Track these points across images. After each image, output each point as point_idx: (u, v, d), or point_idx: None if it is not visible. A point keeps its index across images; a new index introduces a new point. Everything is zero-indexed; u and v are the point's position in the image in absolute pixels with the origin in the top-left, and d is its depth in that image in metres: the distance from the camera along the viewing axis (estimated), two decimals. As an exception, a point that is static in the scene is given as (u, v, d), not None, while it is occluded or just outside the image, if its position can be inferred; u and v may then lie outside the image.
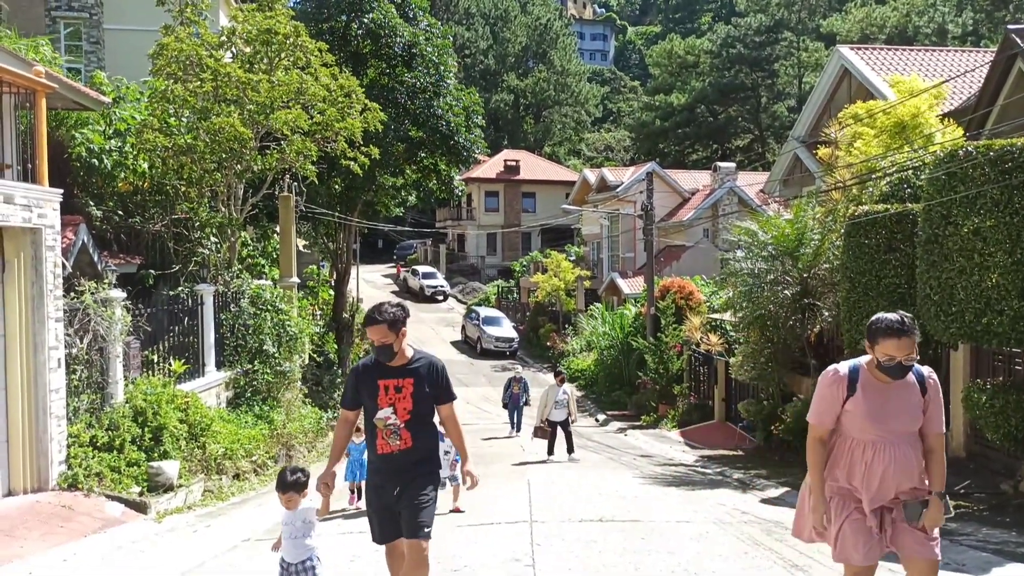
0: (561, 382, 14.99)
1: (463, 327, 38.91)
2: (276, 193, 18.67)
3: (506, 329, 36.65)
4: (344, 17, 23.20)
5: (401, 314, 4.65)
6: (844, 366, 4.15)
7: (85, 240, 12.22)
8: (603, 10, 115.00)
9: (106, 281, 11.15)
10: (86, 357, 9.89)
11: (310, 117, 15.87)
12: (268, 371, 14.59)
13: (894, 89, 16.05)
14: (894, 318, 3.91)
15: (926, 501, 3.98)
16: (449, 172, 25.64)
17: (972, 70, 17.36)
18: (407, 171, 24.97)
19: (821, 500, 4.13)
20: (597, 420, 23.59)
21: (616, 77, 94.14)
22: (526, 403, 19.41)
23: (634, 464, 14.63)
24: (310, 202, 21.27)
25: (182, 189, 15.59)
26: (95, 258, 12.52)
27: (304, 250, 31.09)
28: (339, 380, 20.74)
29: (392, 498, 4.68)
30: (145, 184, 15.67)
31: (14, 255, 8.83)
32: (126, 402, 10.32)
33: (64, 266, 10.14)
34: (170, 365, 12.11)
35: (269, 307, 15.12)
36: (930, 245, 9.51)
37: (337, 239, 25.95)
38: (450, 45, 25.76)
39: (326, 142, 16.60)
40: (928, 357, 11.57)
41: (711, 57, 65.91)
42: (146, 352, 11.66)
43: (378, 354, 4.69)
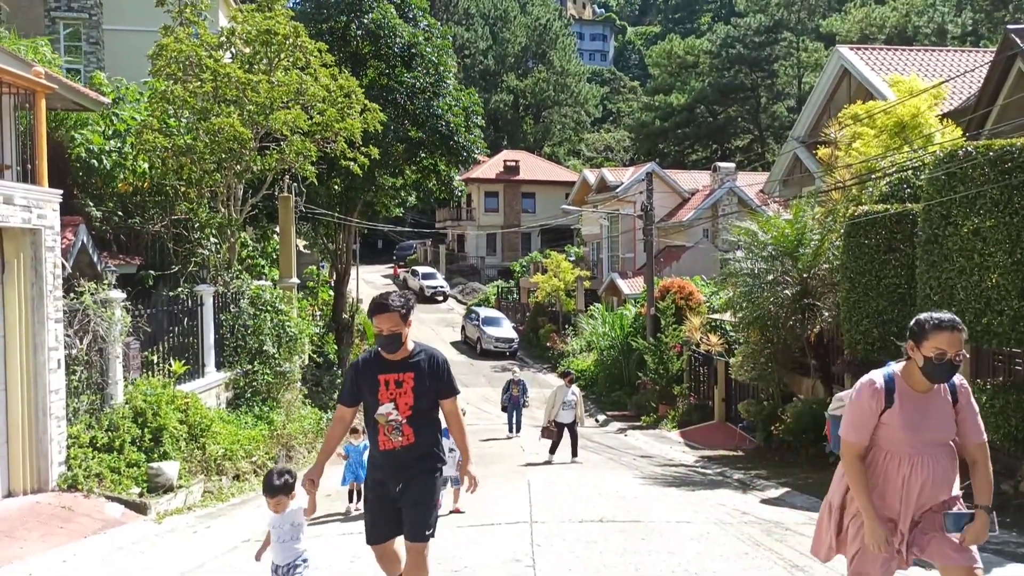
0: (570, 383, 14.76)
1: (463, 328, 38.90)
2: (276, 194, 18.66)
3: (506, 330, 36.64)
4: (344, 17, 23.19)
5: (411, 302, 4.55)
6: (879, 377, 3.89)
7: (85, 241, 12.22)
8: (602, 10, 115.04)
9: (106, 282, 11.15)
10: (86, 358, 9.89)
11: (310, 117, 15.87)
12: (268, 372, 14.59)
13: (894, 89, 16.06)
14: (946, 315, 3.76)
15: (971, 514, 3.75)
16: (449, 172, 25.64)
17: (972, 70, 17.37)
18: (407, 171, 24.97)
19: (877, 523, 3.77)
20: (597, 420, 23.59)
21: (616, 77, 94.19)
22: (525, 404, 19.40)
23: (634, 464, 14.62)
24: (310, 203, 21.27)
25: (182, 190, 15.59)
26: (95, 259, 12.51)
27: (304, 251, 31.08)
28: (339, 381, 20.72)
29: (394, 494, 4.59)
30: (145, 185, 15.67)
31: (14, 256, 8.82)
32: (126, 403, 10.31)
33: (64, 267, 10.14)
34: (170, 366, 12.10)
35: (269, 308, 15.11)
36: (930, 245, 9.51)
37: (337, 240, 25.96)
38: (449, 45, 25.78)
39: (326, 142, 16.60)
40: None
41: (711, 57, 65.96)
42: (146, 353, 11.65)
43: (385, 345, 4.50)
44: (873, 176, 13.00)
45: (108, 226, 15.04)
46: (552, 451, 14.52)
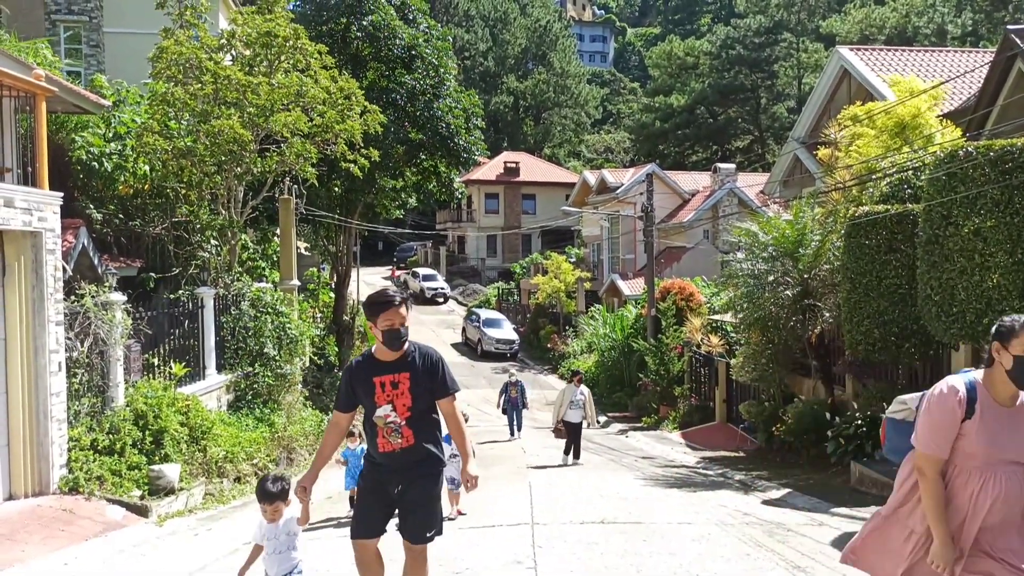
0: (579, 383, 14.68)
1: (463, 329, 38.89)
2: (276, 196, 18.67)
3: (507, 331, 36.63)
4: (344, 19, 23.23)
5: (408, 295, 4.53)
6: (959, 383, 3.60)
7: (85, 243, 12.22)
8: (602, 12, 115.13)
9: (106, 284, 11.16)
10: (87, 360, 9.89)
11: (310, 119, 15.88)
12: (269, 374, 14.59)
13: (893, 89, 16.06)
14: None
15: None
16: (449, 174, 25.66)
17: (971, 71, 17.37)
18: (407, 173, 24.99)
19: (950, 544, 3.52)
20: (598, 422, 23.58)
21: (616, 79, 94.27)
22: (525, 406, 19.36)
23: (635, 465, 14.61)
24: (310, 205, 21.29)
25: (182, 192, 15.59)
26: (95, 261, 12.51)
27: (304, 253, 31.07)
28: (339, 382, 20.72)
29: (392, 496, 4.53)
30: (145, 187, 15.67)
31: (14, 259, 8.83)
32: (127, 405, 10.31)
33: (64, 269, 10.14)
34: (171, 368, 12.10)
35: (269, 310, 15.11)
36: (931, 246, 9.51)
37: (337, 242, 25.97)
38: (449, 47, 25.80)
39: (326, 144, 16.60)
40: (929, 358, 11.57)
41: (711, 58, 66.02)
42: (147, 355, 11.65)
43: (396, 339, 4.39)
44: (873, 177, 13.00)
45: (109, 228, 15.05)
46: (567, 452, 14.36)
